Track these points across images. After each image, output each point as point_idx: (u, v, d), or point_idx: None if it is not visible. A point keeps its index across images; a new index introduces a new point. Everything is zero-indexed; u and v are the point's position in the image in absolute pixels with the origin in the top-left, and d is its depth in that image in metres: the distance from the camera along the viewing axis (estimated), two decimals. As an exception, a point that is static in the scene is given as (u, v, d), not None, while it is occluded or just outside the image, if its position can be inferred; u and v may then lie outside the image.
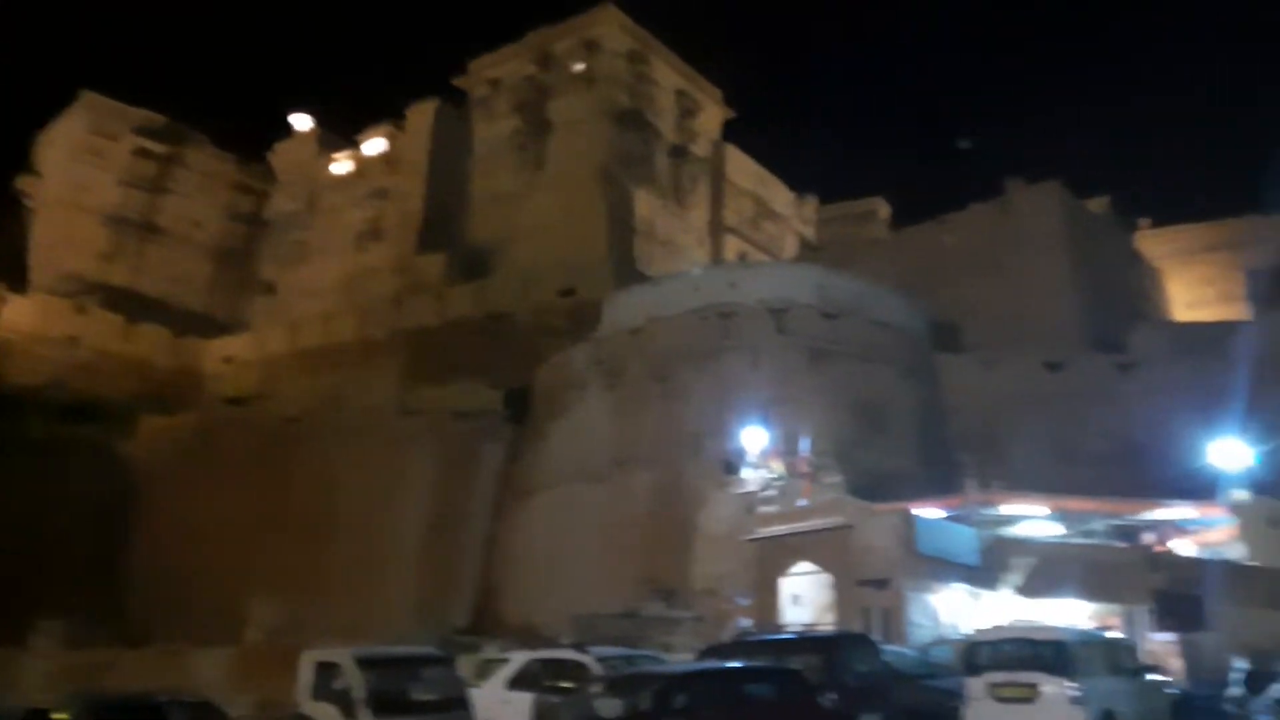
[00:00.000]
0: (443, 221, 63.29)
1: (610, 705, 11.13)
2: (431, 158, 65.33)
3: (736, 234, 60.95)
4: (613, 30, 58.46)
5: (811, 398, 38.71)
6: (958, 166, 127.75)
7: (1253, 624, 25.22)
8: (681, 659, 20.36)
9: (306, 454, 48.69)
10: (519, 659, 18.04)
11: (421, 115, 67.76)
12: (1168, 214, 66.33)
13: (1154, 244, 64.42)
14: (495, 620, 40.17)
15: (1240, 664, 19.96)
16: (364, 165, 71.21)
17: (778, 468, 34.46)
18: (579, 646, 18.38)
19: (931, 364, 47.27)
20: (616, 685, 12.02)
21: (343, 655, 15.11)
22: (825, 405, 38.70)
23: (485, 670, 18.50)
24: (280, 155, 75.73)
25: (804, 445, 33.72)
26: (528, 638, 29.37)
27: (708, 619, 29.73)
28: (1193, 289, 63.60)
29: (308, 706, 15.43)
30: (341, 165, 72.83)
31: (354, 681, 14.30)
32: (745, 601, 28.72)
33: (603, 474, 40.04)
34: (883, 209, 69.00)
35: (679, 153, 58.65)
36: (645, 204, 55.18)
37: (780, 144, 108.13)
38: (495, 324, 52.29)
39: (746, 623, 27.33)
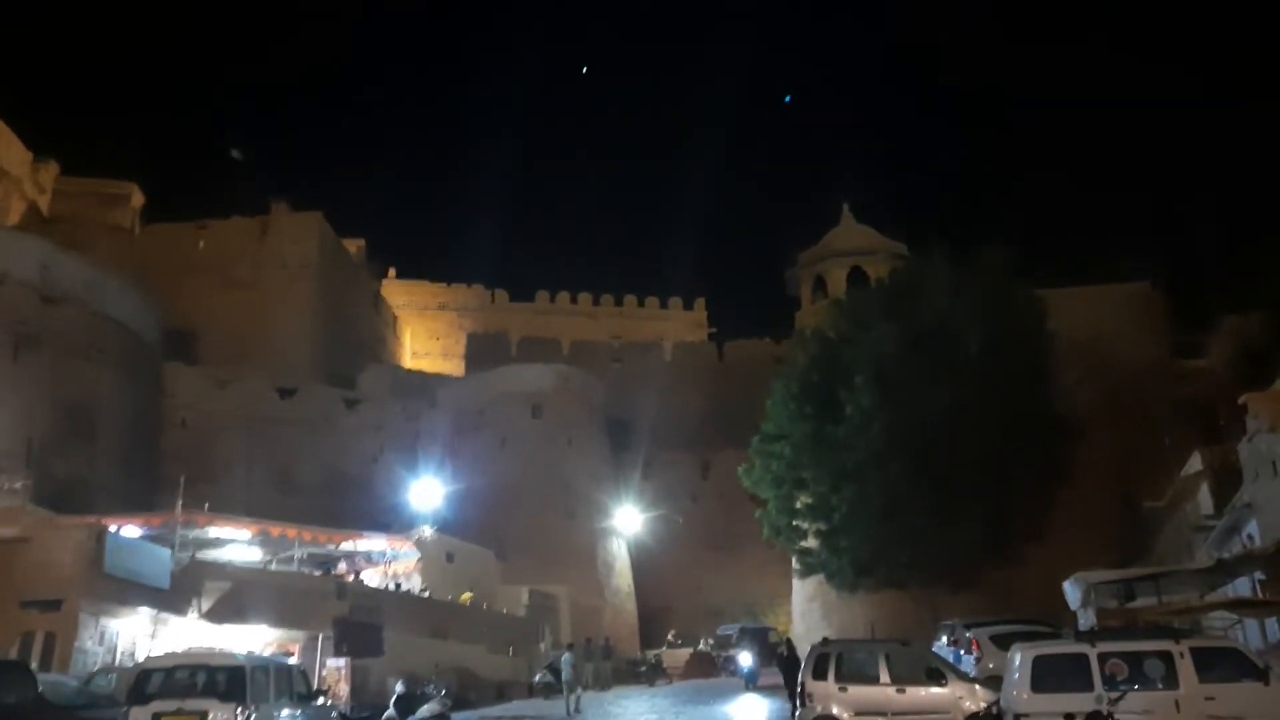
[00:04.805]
0: None
1: None
2: None
3: (-54, 181, 50.33)
4: None
5: (9, 390, 33.61)
6: (225, 173, 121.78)
7: (416, 650, 28.23)
8: None
9: None
10: None
11: None
12: (411, 268, 73.04)
13: (396, 293, 70.21)
14: None
15: (399, 687, 21.98)
16: None
17: (-56, 465, 29.09)
18: None
19: (158, 371, 44.53)
20: None
21: None
22: (24, 400, 33.96)
23: None
24: None
25: (-13, 442, 28.92)
26: None
27: None
28: (422, 340, 70.65)
29: None
30: None
31: None
32: None
33: None
34: (136, 196, 63.26)
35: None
36: None
37: (20, 98, 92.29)
38: None
39: None
